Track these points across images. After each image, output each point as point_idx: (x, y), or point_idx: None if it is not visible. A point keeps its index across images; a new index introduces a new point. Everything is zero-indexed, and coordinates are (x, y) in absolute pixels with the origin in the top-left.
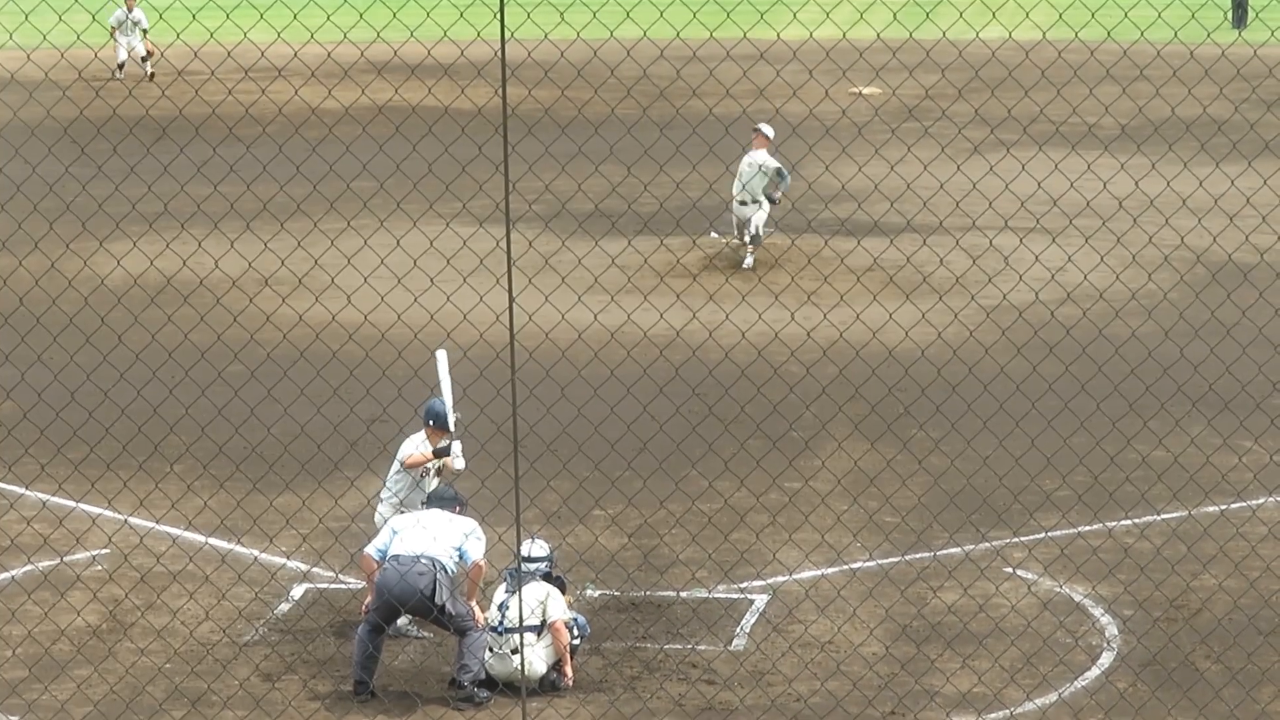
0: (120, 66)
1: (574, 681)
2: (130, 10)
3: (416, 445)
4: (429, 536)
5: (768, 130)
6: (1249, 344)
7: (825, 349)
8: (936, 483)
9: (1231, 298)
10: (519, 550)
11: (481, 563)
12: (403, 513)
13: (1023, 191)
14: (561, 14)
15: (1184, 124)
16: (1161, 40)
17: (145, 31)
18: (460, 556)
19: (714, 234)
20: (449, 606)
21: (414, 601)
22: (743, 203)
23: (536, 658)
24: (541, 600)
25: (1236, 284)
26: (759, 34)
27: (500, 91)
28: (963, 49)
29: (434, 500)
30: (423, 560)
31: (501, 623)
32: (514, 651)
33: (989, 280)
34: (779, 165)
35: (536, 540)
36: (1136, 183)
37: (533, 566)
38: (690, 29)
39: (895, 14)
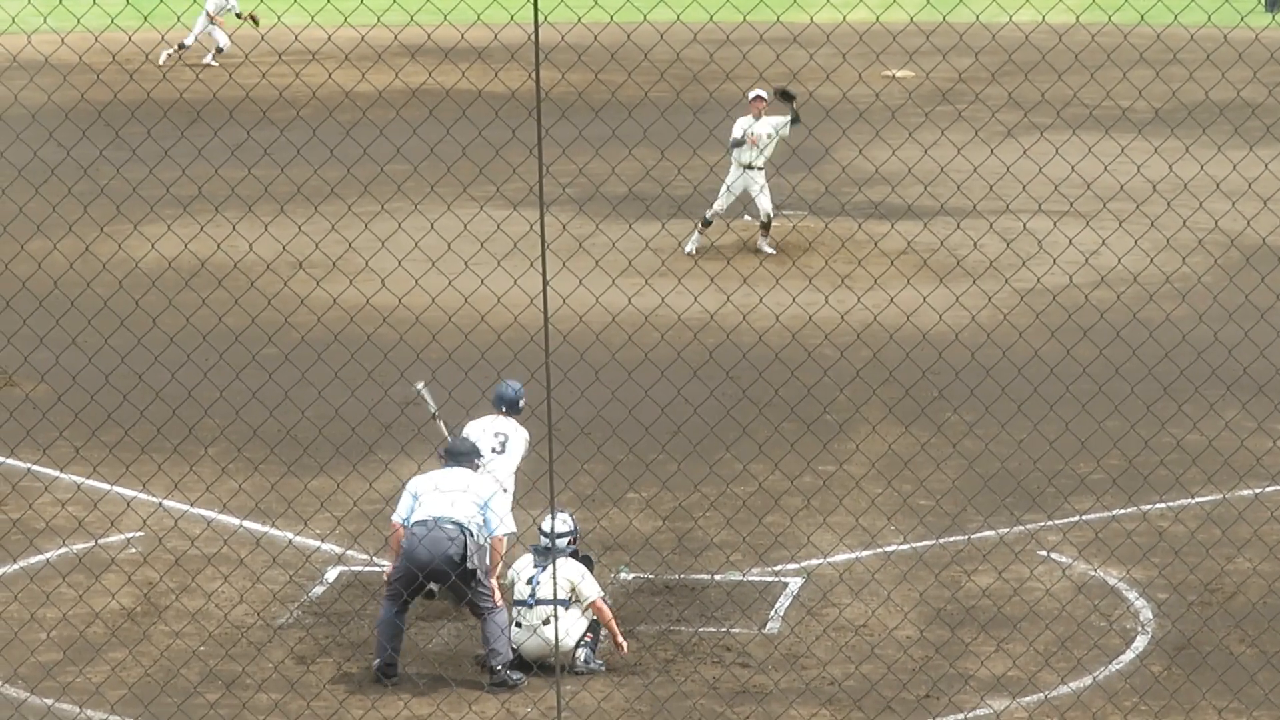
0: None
1: (625, 648)
2: None
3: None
4: (447, 501)
5: (766, 93)
6: None
7: (859, 332)
8: (971, 466)
9: (1266, 282)
10: (543, 525)
11: (502, 535)
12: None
13: (1056, 175)
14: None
15: (1218, 108)
16: (1195, 24)
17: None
18: (485, 521)
19: (745, 218)
20: (479, 573)
21: (441, 565)
22: (760, 168)
23: (564, 632)
24: (574, 581)
25: (1271, 268)
26: (792, 17)
27: (534, 75)
28: (996, 32)
29: (451, 456)
30: (447, 524)
31: (532, 595)
32: (545, 623)
33: (1023, 264)
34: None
35: (560, 514)
36: (1170, 166)
37: (561, 542)
38: (724, 12)
39: None
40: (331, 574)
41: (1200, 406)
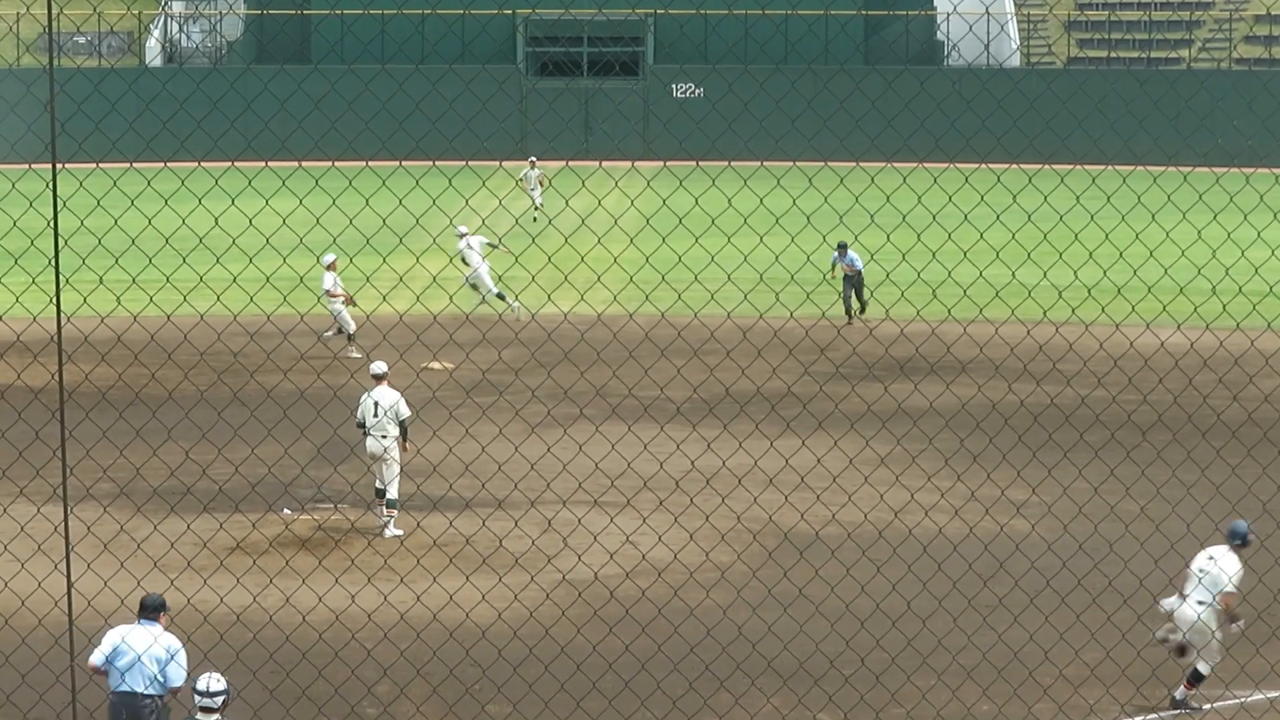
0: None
1: None
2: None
3: None
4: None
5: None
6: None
7: (386, 629)
8: None
9: (788, 575)
10: (197, 684)
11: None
12: None
13: (581, 469)
14: (118, 297)
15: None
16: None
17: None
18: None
19: (286, 511)
20: None
21: None
22: (384, 435)
23: None
24: None
25: (793, 559)
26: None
27: (58, 374)
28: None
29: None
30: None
31: None
32: None
33: (548, 560)
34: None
35: (214, 674)
36: (692, 462)
37: (218, 702)
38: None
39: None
40: None
41: (735, 694)
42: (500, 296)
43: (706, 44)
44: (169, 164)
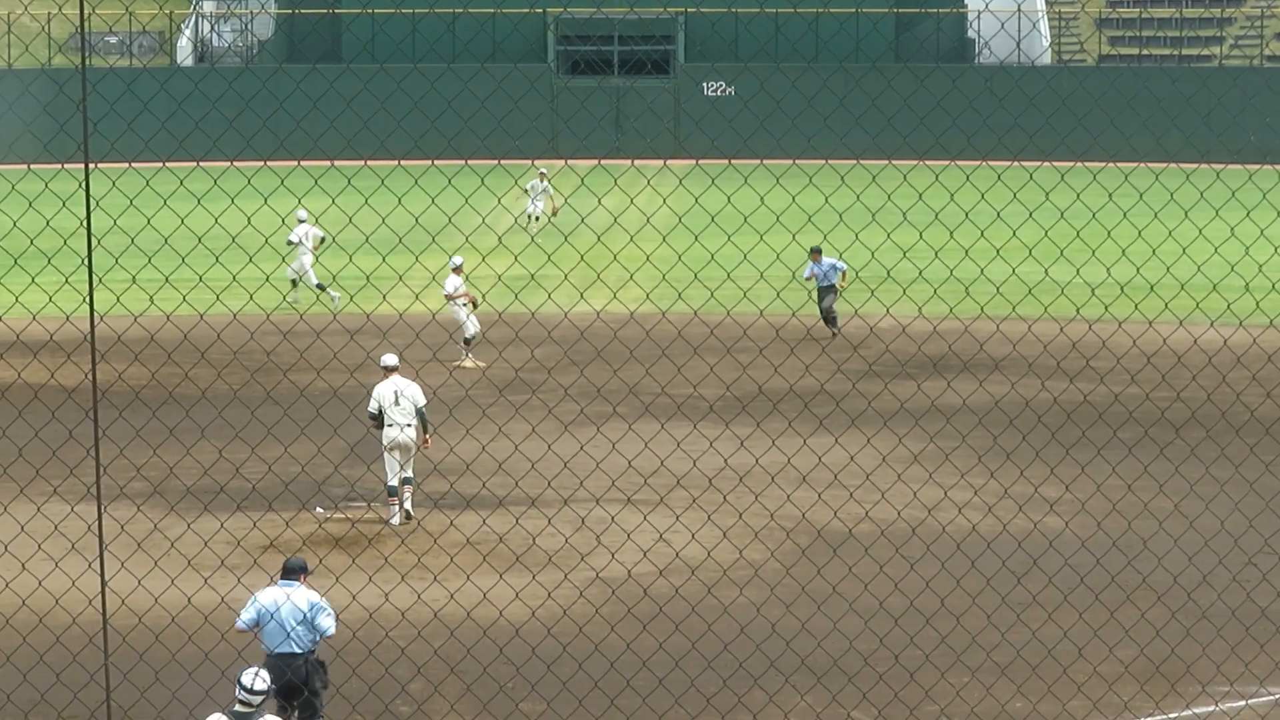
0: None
1: None
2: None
3: None
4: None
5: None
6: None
7: (420, 627)
8: None
9: (822, 571)
10: (243, 680)
11: None
12: None
13: (614, 467)
14: (151, 297)
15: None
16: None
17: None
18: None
19: (319, 510)
20: None
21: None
22: (409, 425)
23: None
24: None
25: (828, 556)
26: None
27: (91, 373)
28: (552, 327)
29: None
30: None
31: None
32: None
33: (581, 558)
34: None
35: (260, 672)
36: (726, 459)
37: (257, 700)
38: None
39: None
40: None
41: (768, 692)
42: (321, 287)
43: (737, 43)
44: (201, 163)
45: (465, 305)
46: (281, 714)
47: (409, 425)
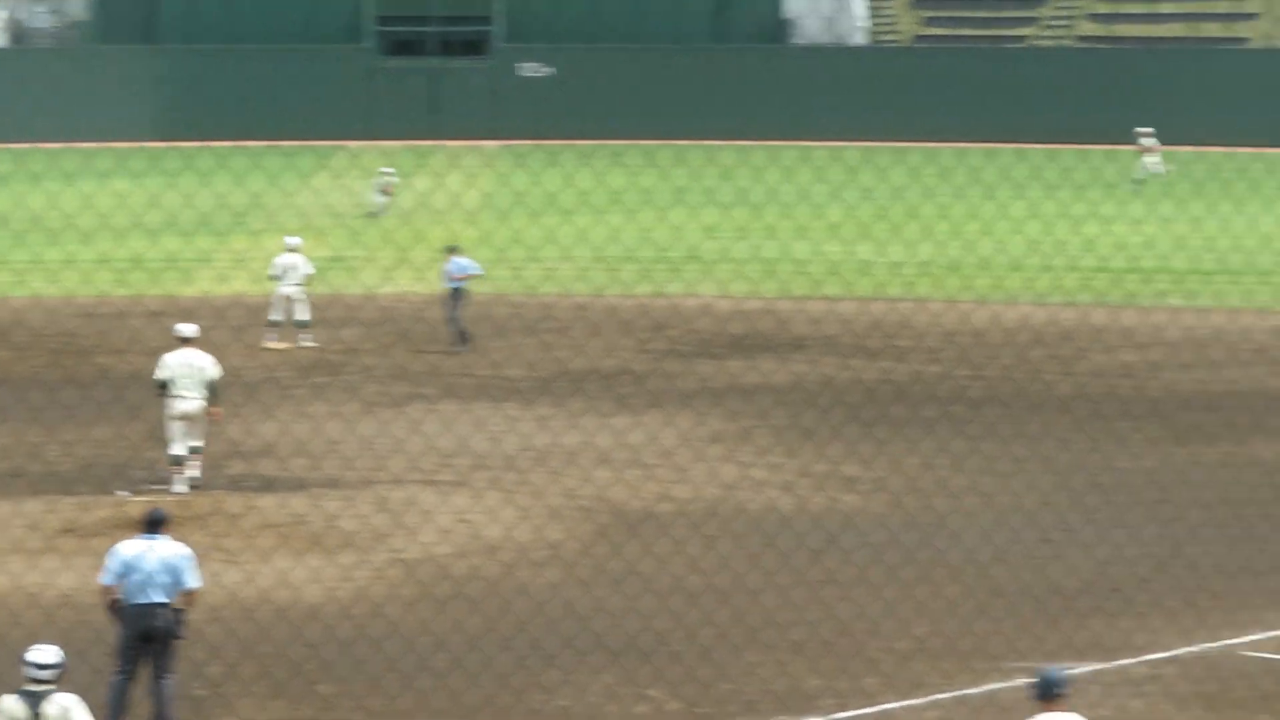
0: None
1: None
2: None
3: None
4: None
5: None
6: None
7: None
8: None
9: (622, 551)
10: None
11: None
12: None
13: (416, 447)
14: None
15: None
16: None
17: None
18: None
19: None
20: None
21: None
22: (196, 396)
23: None
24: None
25: (625, 536)
26: (177, 290)
27: None
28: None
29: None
30: None
31: None
32: None
33: (382, 537)
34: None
35: (46, 647)
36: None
37: (46, 675)
38: (108, 287)
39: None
40: None
41: (564, 671)
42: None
43: (558, 22)
44: (5, 144)
45: (300, 285)
46: (136, 664)
47: (196, 398)
